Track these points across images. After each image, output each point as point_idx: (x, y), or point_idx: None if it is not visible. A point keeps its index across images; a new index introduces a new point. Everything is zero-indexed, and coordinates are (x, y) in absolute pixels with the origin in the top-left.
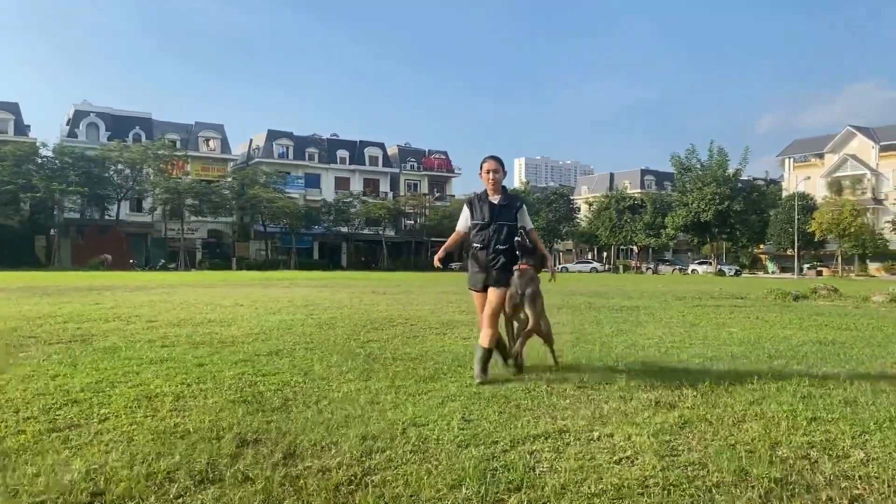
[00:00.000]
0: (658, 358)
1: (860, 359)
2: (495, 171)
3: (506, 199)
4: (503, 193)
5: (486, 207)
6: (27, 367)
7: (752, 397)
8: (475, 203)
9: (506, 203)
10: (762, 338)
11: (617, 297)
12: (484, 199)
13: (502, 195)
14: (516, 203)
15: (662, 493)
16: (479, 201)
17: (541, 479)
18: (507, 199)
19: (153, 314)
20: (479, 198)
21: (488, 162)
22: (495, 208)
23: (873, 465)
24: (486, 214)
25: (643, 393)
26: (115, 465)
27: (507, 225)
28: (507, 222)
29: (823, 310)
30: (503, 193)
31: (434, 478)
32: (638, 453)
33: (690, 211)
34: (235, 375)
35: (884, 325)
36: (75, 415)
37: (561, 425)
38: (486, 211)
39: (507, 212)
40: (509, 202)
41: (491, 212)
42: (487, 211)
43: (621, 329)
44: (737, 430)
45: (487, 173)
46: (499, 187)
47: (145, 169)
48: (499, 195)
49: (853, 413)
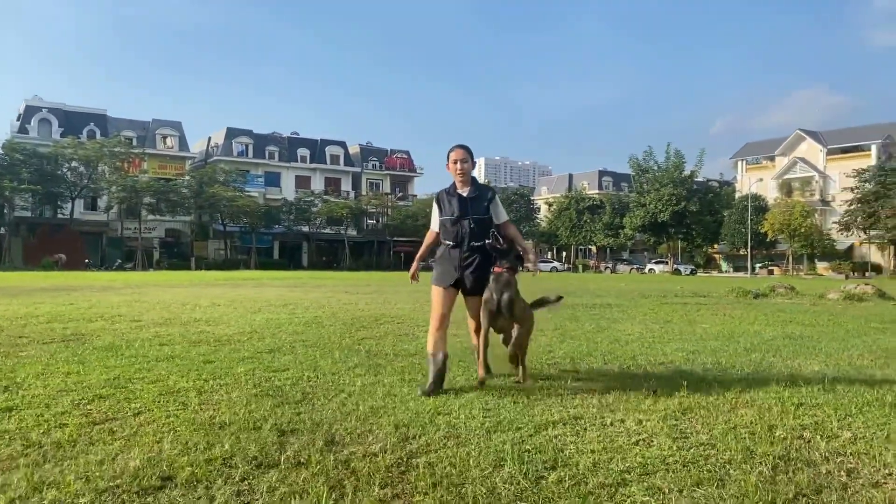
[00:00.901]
0: (643, 352)
1: (828, 351)
2: (463, 160)
3: (476, 191)
4: (473, 185)
5: (455, 201)
6: (37, 364)
7: (740, 386)
8: (443, 198)
9: (476, 195)
10: (735, 333)
11: (586, 295)
12: (452, 192)
13: (472, 186)
14: (487, 194)
15: (683, 470)
16: (447, 195)
17: (571, 458)
18: (478, 191)
19: (134, 314)
20: (448, 192)
21: (455, 151)
22: (465, 201)
23: (861, 442)
24: (456, 209)
25: (640, 383)
26: (171, 453)
27: (479, 219)
28: (480, 216)
29: (784, 307)
30: (473, 185)
31: (475, 459)
32: (652, 436)
33: (648, 212)
34: (247, 371)
35: (842, 321)
36: (107, 409)
37: (574, 413)
38: (456, 205)
39: (477, 204)
40: (480, 193)
41: (461, 206)
42: (457, 205)
43: (601, 326)
44: (734, 415)
45: (455, 163)
46: (468, 178)
47: (101, 167)
48: (468, 187)
49: (835, 398)
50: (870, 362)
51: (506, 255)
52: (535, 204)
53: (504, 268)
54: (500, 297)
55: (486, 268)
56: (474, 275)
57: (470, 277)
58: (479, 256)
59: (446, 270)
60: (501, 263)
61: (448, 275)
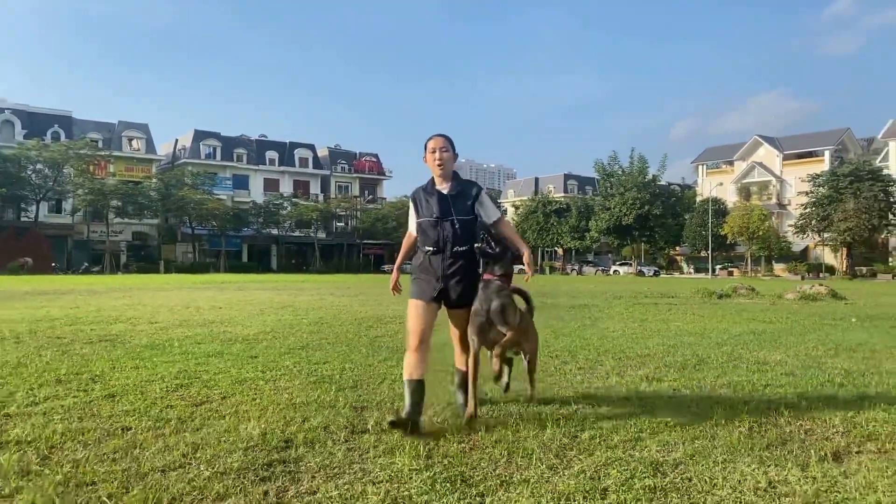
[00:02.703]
0: (629, 345)
1: (788, 344)
2: (443, 149)
3: (459, 187)
4: (455, 180)
5: (434, 200)
6: (100, 361)
7: (716, 372)
8: (420, 197)
9: (459, 191)
10: (706, 330)
11: (561, 297)
12: (431, 189)
13: (454, 182)
14: (472, 190)
15: (682, 430)
16: (424, 193)
17: (595, 423)
18: (461, 187)
19: (146, 317)
20: (426, 189)
21: (434, 139)
22: (446, 200)
23: (815, 411)
24: (436, 209)
25: (632, 371)
26: (277, 424)
27: (464, 220)
28: (464, 216)
29: (746, 306)
30: (455, 180)
31: (525, 423)
32: (653, 408)
33: (613, 215)
34: (293, 364)
35: (799, 318)
36: (195, 395)
37: (583, 391)
38: (435, 204)
39: (461, 203)
40: (463, 190)
41: (442, 205)
42: (437, 204)
43: (585, 324)
44: (714, 392)
45: (433, 153)
46: (448, 172)
47: (66, 169)
48: (449, 182)
49: (794, 381)
50: (823, 353)
51: (499, 259)
52: (502, 207)
53: (496, 275)
54: (489, 305)
55: (473, 276)
56: (461, 284)
57: (455, 288)
58: (465, 263)
59: (426, 281)
60: (493, 270)
61: (429, 287)
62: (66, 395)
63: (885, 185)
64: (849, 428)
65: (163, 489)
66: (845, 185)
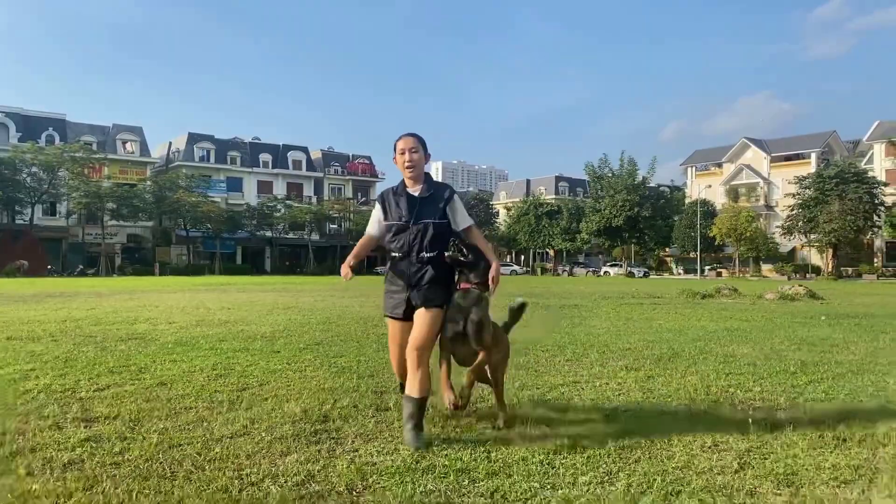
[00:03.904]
0: (612, 341)
1: (757, 340)
2: (412, 149)
3: (430, 190)
4: (426, 182)
5: (403, 202)
6: (139, 356)
7: (687, 363)
8: (389, 199)
9: (430, 194)
10: (685, 327)
11: (552, 297)
12: (400, 191)
13: (425, 185)
14: (444, 193)
15: (652, 408)
16: (394, 195)
17: (578, 404)
18: (432, 189)
19: (162, 317)
20: (395, 191)
21: (403, 139)
22: (416, 202)
23: (765, 393)
24: (405, 211)
25: (613, 362)
26: (312, 404)
27: (433, 224)
28: (434, 220)
29: (727, 306)
30: (426, 182)
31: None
32: (629, 390)
33: (603, 217)
34: (313, 357)
35: (773, 317)
36: (235, 382)
37: (571, 379)
38: (405, 207)
39: (431, 206)
40: (434, 193)
41: (411, 207)
42: (406, 206)
43: (574, 322)
44: (684, 380)
45: (402, 154)
46: (420, 173)
47: (61, 172)
48: (420, 185)
49: (754, 370)
50: (787, 347)
51: (474, 267)
52: (494, 209)
53: (473, 283)
54: (467, 317)
55: (441, 281)
56: (425, 288)
57: (418, 294)
58: (432, 270)
59: (395, 294)
60: (470, 278)
61: (399, 302)
62: (124, 382)
63: (869, 188)
64: (790, 406)
65: (237, 448)
66: (831, 187)
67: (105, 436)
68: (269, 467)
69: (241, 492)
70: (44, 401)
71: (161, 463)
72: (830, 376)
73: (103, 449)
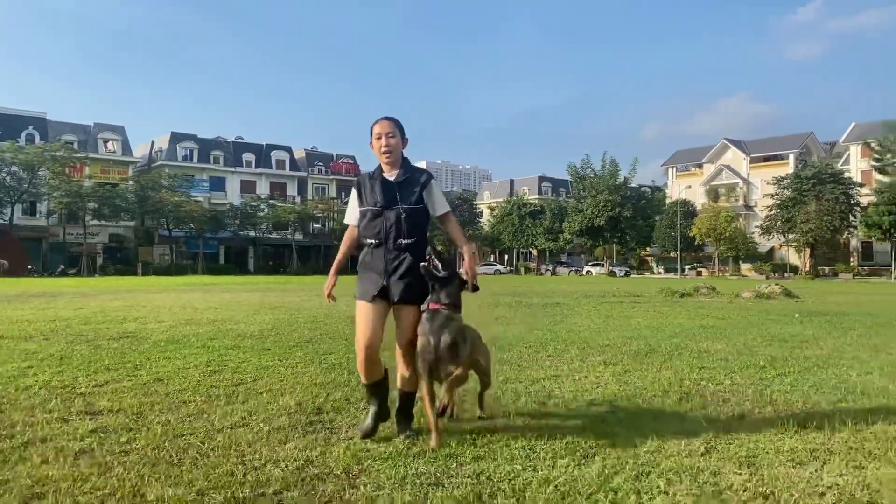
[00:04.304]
0: (592, 337)
1: (730, 336)
2: (389, 134)
3: (406, 174)
4: (403, 167)
5: (378, 187)
6: (133, 354)
7: (663, 358)
8: (364, 183)
9: (406, 179)
10: (662, 324)
11: (535, 296)
12: (376, 176)
13: (402, 169)
14: (420, 178)
15: (627, 401)
16: (369, 180)
17: (559, 395)
18: (409, 173)
19: (151, 317)
20: (371, 175)
21: (379, 123)
22: (392, 187)
23: (736, 387)
24: (380, 196)
25: (593, 357)
26: (306, 398)
27: (411, 209)
28: (412, 206)
29: (704, 304)
30: (403, 167)
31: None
32: (607, 383)
33: (586, 217)
34: (304, 354)
35: (748, 315)
36: (230, 378)
37: (552, 373)
38: (380, 191)
39: (408, 191)
40: (411, 177)
41: (386, 192)
42: (381, 191)
43: (556, 320)
44: (658, 374)
45: (378, 139)
46: (397, 159)
47: (41, 171)
48: (397, 170)
49: (726, 364)
50: (759, 343)
51: (446, 283)
52: (477, 209)
53: (443, 304)
54: (438, 340)
55: (417, 272)
56: (404, 280)
57: (398, 284)
58: (410, 257)
59: (370, 278)
60: (440, 297)
61: (372, 284)
62: (121, 378)
63: (845, 188)
64: (757, 396)
65: (238, 437)
66: (808, 187)
67: (111, 427)
68: (269, 454)
69: (246, 475)
70: (45, 396)
71: (167, 451)
72: (797, 370)
73: (111, 439)
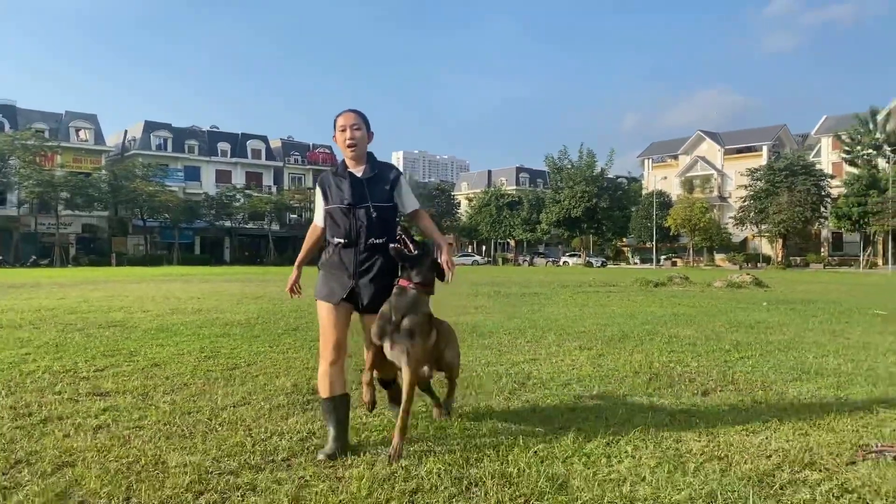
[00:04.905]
0: (569, 324)
1: (699, 323)
2: (354, 126)
3: (374, 170)
4: (370, 163)
5: (345, 184)
6: (126, 342)
7: (635, 343)
8: (329, 180)
9: (375, 175)
10: (635, 312)
11: (514, 286)
12: (342, 172)
13: (368, 165)
14: (390, 175)
15: (601, 379)
16: (335, 177)
17: (537, 375)
18: (377, 170)
19: (135, 306)
20: (336, 172)
21: (344, 115)
22: (360, 184)
23: (702, 368)
24: (347, 194)
25: (569, 342)
26: (301, 379)
27: (380, 207)
28: (381, 203)
29: (677, 293)
30: (370, 163)
31: (488, 377)
32: (582, 366)
33: (563, 208)
34: (293, 341)
35: (718, 303)
36: (224, 363)
37: (531, 357)
38: (347, 189)
39: (377, 188)
40: (379, 174)
41: (354, 190)
42: (349, 189)
43: (534, 309)
44: (630, 357)
45: (343, 131)
46: (362, 153)
47: (11, 160)
48: (363, 165)
49: (693, 348)
50: (726, 329)
51: (416, 263)
52: (455, 199)
53: (414, 283)
54: (401, 317)
55: (390, 274)
56: (374, 283)
57: (368, 287)
58: (381, 259)
59: (336, 279)
60: (410, 276)
61: (339, 285)
62: (119, 364)
63: (817, 180)
64: (720, 376)
65: (242, 414)
66: (781, 179)
67: (121, 406)
68: (274, 427)
69: (255, 446)
70: (51, 380)
71: (178, 426)
72: (759, 353)
73: (123, 416)
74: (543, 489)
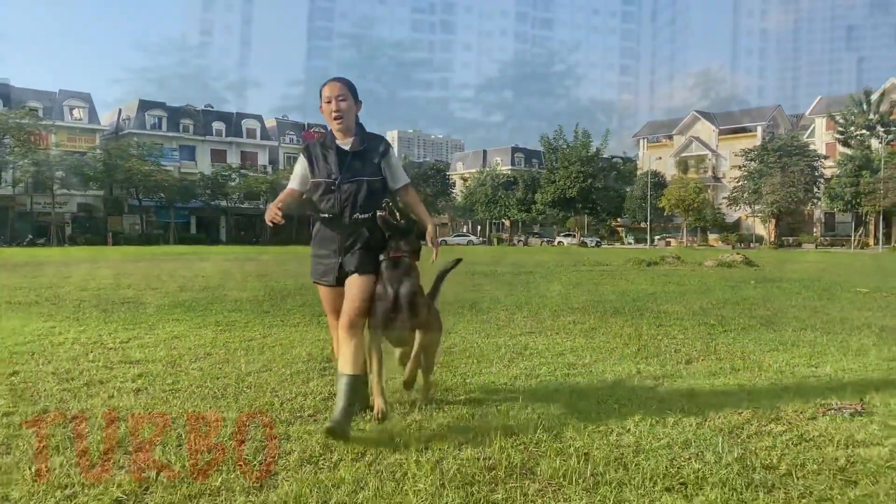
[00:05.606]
0: (563, 302)
1: (687, 300)
2: (340, 97)
3: (362, 143)
4: (358, 135)
5: (332, 157)
6: (143, 316)
7: (625, 318)
8: (316, 152)
9: (362, 148)
10: (627, 290)
11: (509, 266)
12: (329, 144)
13: (357, 138)
14: (378, 147)
15: (594, 350)
16: (321, 149)
17: (534, 347)
18: (365, 143)
19: (143, 284)
20: (323, 144)
21: (329, 85)
22: (346, 157)
23: (687, 340)
24: (334, 167)
25: (563, 317)
26: (316, 350)
27: (367, 181)
28: (368, 177)
29: (668, 272)
30: (358, 135)
31: (491, 347)
32: (575, 338)
33: (558, 188)
34: (302, 317)
35: (707, 282)
36: (241, 335)
37: (528, 330)
38: (334, 162)
39: (365, 161)
40: (368, 147)
41: (341, 163)
42: (335, 162)
43: (529, 288)
44: (621, 331)
45: (328, 102)
46: (350, 125)
47: (6, 139)
48: (351, 137)
49: (679, 322)
50: (712, 305)
51: (405, 233)
52: (450, 179)
53: (403, 252)
54: (398, 290)
55: (374, 247)
56: (358, 253)
57: (352, 258)
58: (367, 233)
59: (327, 260)
60: (400, 246)
61: (330, 268)
62: (142, 336)
63: (810, 161)
64: (703, 347)
65: (266, 379)
66: (774, 159)
67: (154, 373)
68: (297, 390)
69: (282, 405)
70: (81, 350)
71: (210, 389)
72: (742, 327)
73: (158, 381)
74: (541, 438)
